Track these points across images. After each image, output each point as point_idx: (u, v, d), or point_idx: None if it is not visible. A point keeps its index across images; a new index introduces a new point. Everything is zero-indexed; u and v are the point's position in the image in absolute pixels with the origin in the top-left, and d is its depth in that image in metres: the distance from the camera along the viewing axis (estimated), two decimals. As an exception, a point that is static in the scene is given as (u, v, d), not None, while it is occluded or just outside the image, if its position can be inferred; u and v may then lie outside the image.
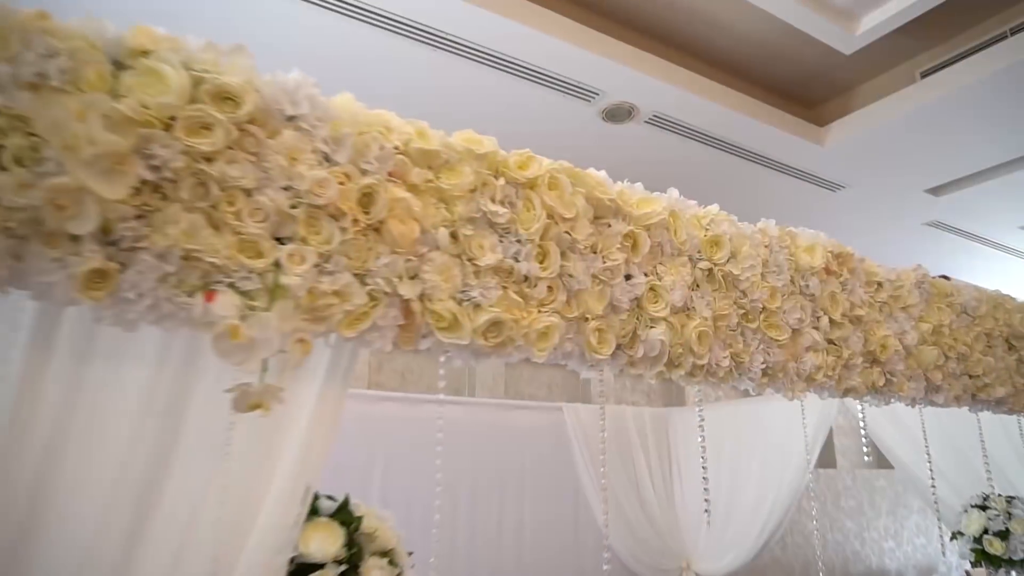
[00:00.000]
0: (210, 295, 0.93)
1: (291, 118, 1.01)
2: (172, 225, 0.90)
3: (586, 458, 3.63)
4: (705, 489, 1.69)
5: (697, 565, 3.89)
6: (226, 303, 0.93)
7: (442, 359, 1.16)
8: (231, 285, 0.94)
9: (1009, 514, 2.27)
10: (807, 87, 4.07)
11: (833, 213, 4.97)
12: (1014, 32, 3.50)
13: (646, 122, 3.88)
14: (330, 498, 1.18)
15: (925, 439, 2.10)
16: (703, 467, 1.81)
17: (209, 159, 0.93)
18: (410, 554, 1.25)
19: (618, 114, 3.81)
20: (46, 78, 0.85)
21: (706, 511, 2.13)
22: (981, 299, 1.97)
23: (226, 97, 0.95)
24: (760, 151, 4.17)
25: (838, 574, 4.89)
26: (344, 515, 1.19)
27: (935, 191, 4.69)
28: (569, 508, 3.66)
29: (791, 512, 3.59)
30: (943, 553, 4.86)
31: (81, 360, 0.94)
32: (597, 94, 3.62)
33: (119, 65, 0.92)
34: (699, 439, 1.83)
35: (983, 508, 2.35)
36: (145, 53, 0.93)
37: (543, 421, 3.69)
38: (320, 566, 1.08)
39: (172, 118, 0.92)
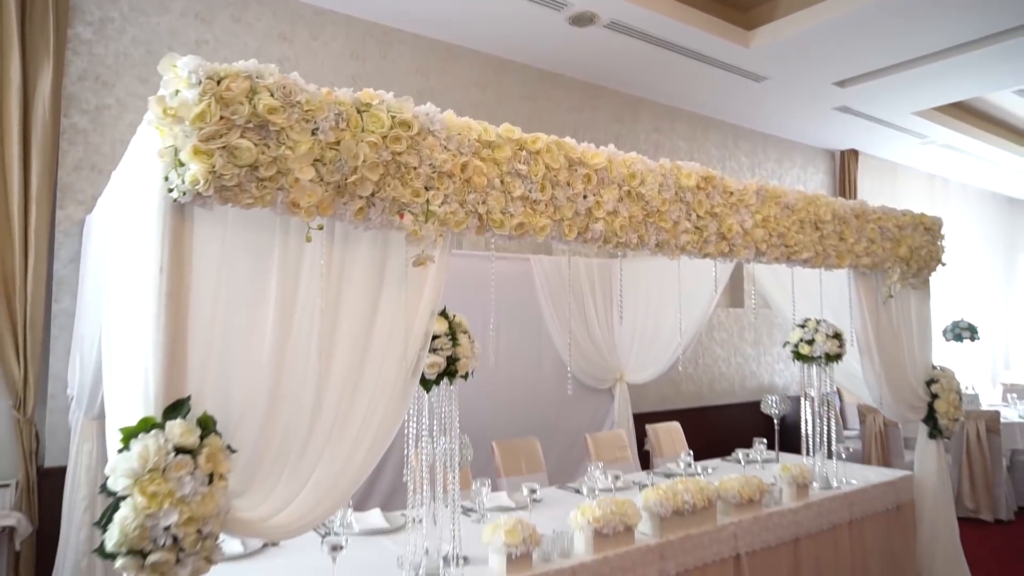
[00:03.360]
0: (402, 215, 2.28)
1: (431, 131, 2.31)
2: (388, 186, 2.23)
3: (547, 298, 5.15)
4: (620, 306, 3.11)
5: (628, 376, 5.61)
6: (408, 220, 2.28)
7: (493, 240, 2.54)
8: (410, 211, 2.29)
9: (816, 329, 3.91)
10: (739, -1, 5.22)
11: (758, 99, 6.31)
12: (900, -33, 4.68)
13: (605, 27, 5.04)
14: (434, 307, 2.62)
15: (752, 287, 3.65)
16: (620, 301, 3.26)
17: (399, 154, 2.25)
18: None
19: (582, 19, 4.96)
20: (338, 124, 2.13)
21: (621, 318, 3.64)
22: (800, 199, 3.43)
23: (405, 123, 2.24)
24: (698, 50, 5.40)
25: (737, 387, 6.77)
26: (445, 314, 2.63)
27: (841, 84, 6.03)
28: (534, 335, 5.23)
29: (698, 337, 5.22)
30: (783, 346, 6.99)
31: (345, 244, 2.30)
32: (565, 4, 4.75)
33: (358, 110, 2.19)
34: (619, 286, 3.30)
35: (803, 327, 3.99)
36: (368, 105, 2.21)
37: (515, 269, 5.15)
38: (439, 336, 2.54)
39: (384, 136, 2.21)
